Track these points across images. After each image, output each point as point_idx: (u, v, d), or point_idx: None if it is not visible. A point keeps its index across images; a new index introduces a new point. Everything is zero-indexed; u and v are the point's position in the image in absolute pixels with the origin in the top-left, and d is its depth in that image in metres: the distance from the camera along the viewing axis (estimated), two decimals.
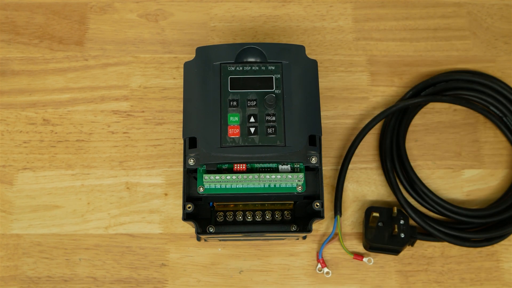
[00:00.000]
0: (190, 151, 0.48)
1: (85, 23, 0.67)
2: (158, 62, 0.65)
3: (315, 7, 0.68)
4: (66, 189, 0.60)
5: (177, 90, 0.64)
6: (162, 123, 0.63)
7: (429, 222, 0.57)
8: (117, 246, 0.58)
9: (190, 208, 0.48)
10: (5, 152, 0.61)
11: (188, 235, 0.59)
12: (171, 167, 0.61)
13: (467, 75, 0.62)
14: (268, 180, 0.47)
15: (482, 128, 0.63)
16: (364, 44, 0.66)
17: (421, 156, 0.62)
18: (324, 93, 0.64)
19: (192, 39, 0.66)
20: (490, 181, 0.61)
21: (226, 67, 0.51)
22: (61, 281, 0.57)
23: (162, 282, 0.57)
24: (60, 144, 0.62)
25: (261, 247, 0.59)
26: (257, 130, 0.48)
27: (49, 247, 0.58)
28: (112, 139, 0.62)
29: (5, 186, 0.60)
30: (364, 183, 0.61)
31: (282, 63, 0.51)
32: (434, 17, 0.67)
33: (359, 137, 0.60)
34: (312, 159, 0.48)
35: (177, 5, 0.68)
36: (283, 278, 0.58)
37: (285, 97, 0.49)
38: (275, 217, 0.51)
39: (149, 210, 0.60)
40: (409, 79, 0.65)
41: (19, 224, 0.59)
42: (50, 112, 0.63)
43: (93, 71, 0.65)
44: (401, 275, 0.58)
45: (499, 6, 0.68)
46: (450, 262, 0.58)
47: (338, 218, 0.57)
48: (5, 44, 0.66)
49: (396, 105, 0.61)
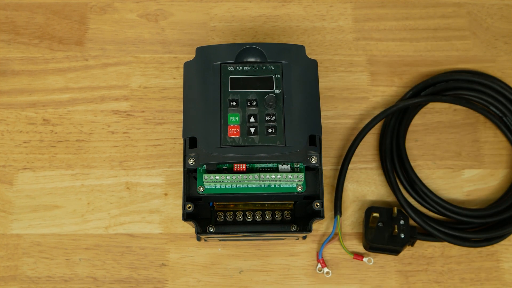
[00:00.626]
0: (190, 151, 0.48)
1: (85, 23, 0.67)
2: (158, 62, 0.65)
3: (315, 7, 0.68)
4: (66, 189, 0.60)
5: (177, 90, 0.64)
6: (162, 123, 0.63)
7: (429, 222, 0.57)
8: (117, 246, 0.58)
9: (190, 208, 0.48)
10: (5, 152, 0.61)
11: (188, 235, 0.59)
12: (171, 167, 0.61)
13: (467, 75, 0.62)
14: (268, 180, 0.47)
15: (482, 128, 0.63)
16: (364, 44, 0.66)
17: (421, 156, 0.62)
18: (324, 93, 0.64)
19: (192, 39, 0.66)
20: (490, 181, 0.61)
21: (226, 67, 0.51)
22: (61, 281, 0.57)
23: (162, 282, 0.57)
24: (60, 144, 0.62)
25: (261, 247, 0.59)
26: (257, 130, 0.48)
27: (49, 247, 0.58)
28: (112, 139, 0.62)
29: (5, 186, 0.60)
30: (364, 183, 0.61)
31: (282, 63, 0.51)
32: (434, 17, 0.67)
33: (359, 137, 0.60)
34: (312, 159, 0.48)
35: (177, 5, 0.68)
36: (283, 278, 0.58)
37: (285, 97, 0.49)
38: (275, 217, 0.51)
39: (149, 210, 0.60)
40: (409, 79, 0.65)
41: (19, 224, 0.59)
42: (50, 112, 0.63)
43: (93, 71, 0.65)
44: (401, 275, 0.58)
45: (499, 6, 0.68)
46: (450, 262, 0.58)
47: (338, 218, 0.57)
48: (5, 44, 0.66)
49: (396, 105, 0.61)
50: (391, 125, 0.61)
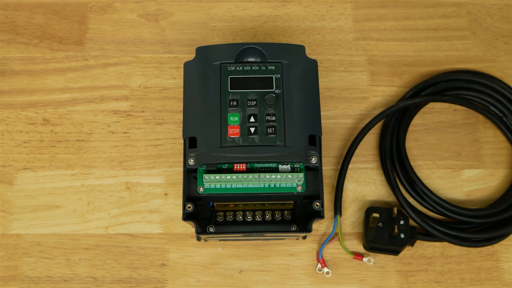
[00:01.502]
0: (190, 151, 0.48)
1: (85, 23, 0.67)
2: (158, 62, 0.65)
3: (315, 7, 0.68)
4: (66, 189, 0.60)
5: (177, 90, 0.64)
6: (162, 123, 0.63)
7: (429, 222, 0.57)
8: (117, 246, 0.58)
9: (190, 208, 0.48)
10: (5, 152, 0.61)
11: (188, 235, 0.59)
12: (171, 167, 0.61)
13: (467, 75, 0.62)
14: (268, 180, 0.47)
15: (482, 128, 0.63)
16: (364, 44, 0.66)
17: (421, 156, 0.62)
18: (324, 93, 0.64)
19: (192, 39, 0.66)
20: (490, 181, 0.61)
21: (226, 67, 0.51)
22: (61, 281, 0.57)
23: (162, 282, 0.57)
24: (60, 144, 0.62)
25: (261, 247, 0.59)
26: (257, 130, 0.48)
27: (49, 247, 0.58)
28: (112, 139, 0.62)
29: (5, 186, 0.60)
30: (364, 183, 0.61)
31: (282, 63, 0.51)
32: (434, 17, 0.67)
33: (359, 137, 0.60)
34: (312, 159, 0.48)
35: (177, 5, 0.68)
36: (283, 278, 0.58)
37: (285, 97, 0.49)
38: (275, 217, 0.51)
39: (149, 210, 0.60)
40: (409, 79, 0.65)
41: (19, 224, 0.59)
42: (50, 112, 0.63)
43: (93, 71, 0.65)
44: (401, 275, 0.58)
45: (499, 6, 0.68)
46: (450, 262, 0.58)
47: (338, 218, 0.57)
48: (5, 44, 0.66)
49: (396, 105, 0.61)
50: (391, 125, 0.61)
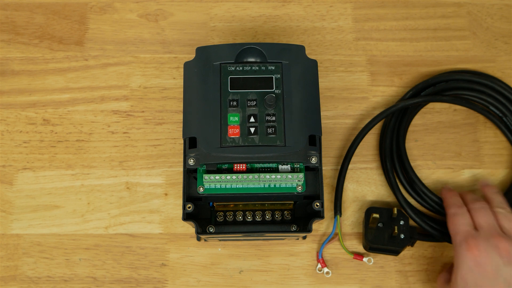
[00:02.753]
0: (190, 151, 0.48)
1: (85, 23, 0.67)
2: (158, 62, 0.65)
3: (315, 7, 0.68)
4: (66, 189, 0.60)
5: (177, 90, 0.64)
6: (162, 123, 0.63)
7: (429, 222, 0.57)
8: (117, 246, 0.58)
9: (190, 208, 0.48)
10: (5, 152, 0.61)
11: (188, 235, 0.59)
12: (171, 167, 0.61)
13: (467, 75, 0.62)
14: (268, 180, 0.47)
15: (482, 128, 0.63)
16: (364, 44, 0.66)
17: (421, 156, 0.62)
18: (324, 93, 0.64)
19: (192, 39, 0.66)
20: (490, 181, 0.61)
21: (226, 67, 0.51)
22: (61, 281, 0.57)
23: (162, 282, 0.57)
24: (60, 144, 0.62)
25: (261, 247, 0.59)
26: (257, 130, 0.48)
27: (49, 247, 0.58)
28: (112, 139, 0.62)
29: (5, 186, 0.60)
30: (364, 183, 0.61)
31: (282, 63, 0.51)
32: (434, 17, 0.67)
33: (359, 137, 0.60)
34: (312, 159, 0.48)
35: (177, 5, 0.68)
36: (283, 278, 0.58)
37: (285, 97, 0.49)
38: (275, 217, 0.51)
39: (149, 210, 0.60)
40: (409, 79, 0.65)
41: (19, 224, 0.59)
42: (50, 112, 0.63)
43: (93, 71, 0.65)
44: (401, 275, 0.58)
45: (499, 6, 0.68)
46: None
47: (338, 218, 0.57)
48: (5, 44, 0.66)
49: (396, 105, 0.61)
50: (391, 125, 0.61)
